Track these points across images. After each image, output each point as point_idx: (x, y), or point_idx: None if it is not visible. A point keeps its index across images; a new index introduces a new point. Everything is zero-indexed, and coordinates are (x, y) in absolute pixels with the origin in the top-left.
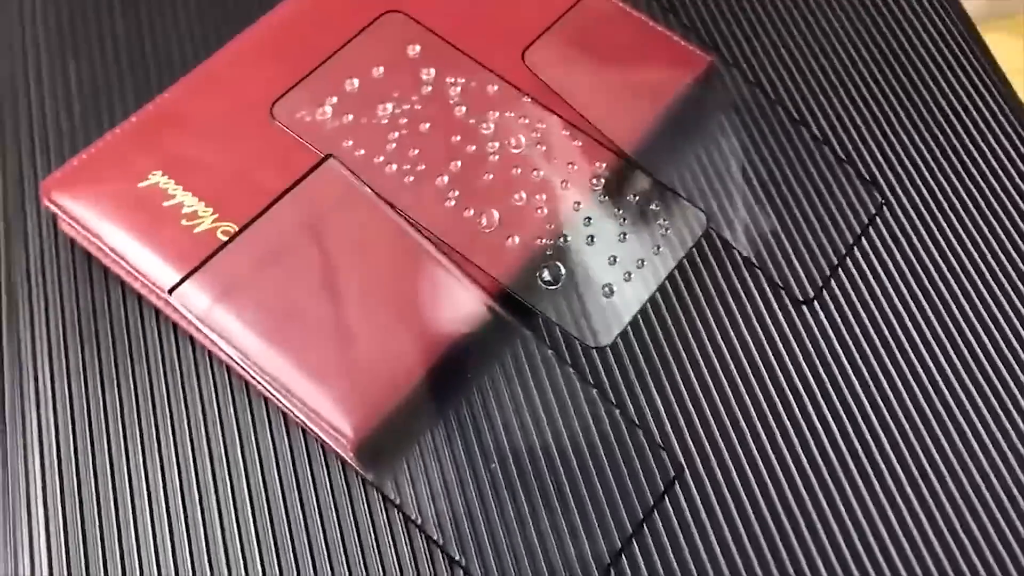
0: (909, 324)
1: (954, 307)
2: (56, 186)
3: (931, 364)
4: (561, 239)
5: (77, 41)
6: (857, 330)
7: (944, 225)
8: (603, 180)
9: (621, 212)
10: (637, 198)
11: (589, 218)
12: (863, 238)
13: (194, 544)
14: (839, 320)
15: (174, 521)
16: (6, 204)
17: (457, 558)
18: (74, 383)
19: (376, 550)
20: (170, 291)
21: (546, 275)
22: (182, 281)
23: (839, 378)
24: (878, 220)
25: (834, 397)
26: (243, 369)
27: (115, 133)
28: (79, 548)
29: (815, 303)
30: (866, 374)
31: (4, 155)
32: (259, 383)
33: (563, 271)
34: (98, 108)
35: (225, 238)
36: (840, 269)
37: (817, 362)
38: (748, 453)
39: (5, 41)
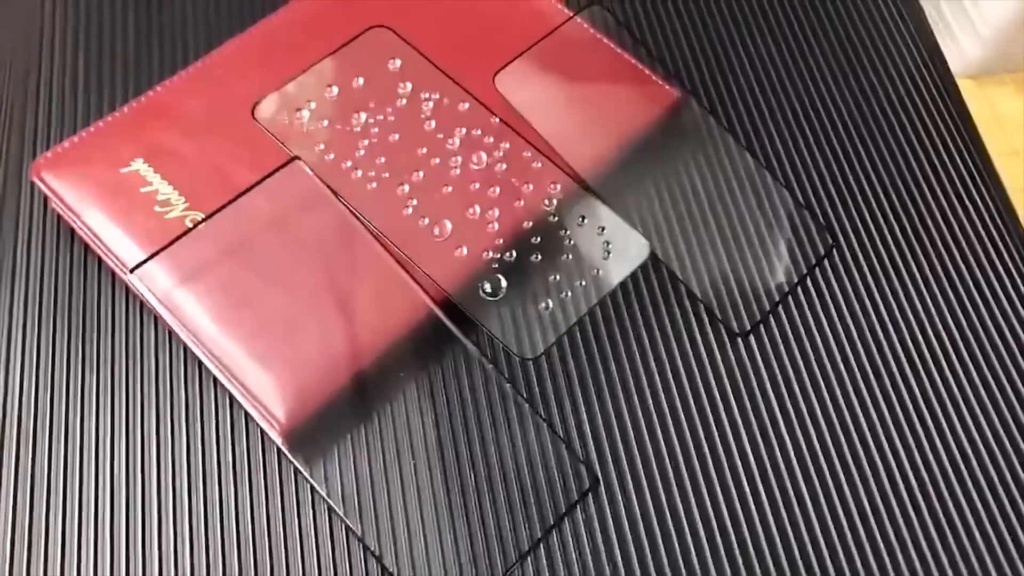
0: (842, 367)
1: (890, 356)
2: (45, 166)
3: (858, 409)
4: (508, 254)
5: (90, 31)
6: (788, 367)
7: (893, 276)
8: (555, 202)
9: (568, 233)
10: (585, 221)
11: (538, 236)
12: (808, 279)
13: (131, 509)
14: (772, 356)
15: (116, 487)
16: (6, 178)
17: (373, 549)
18: (43, 349)
19: (298, 536)
20: (132, 270)
21: (487, 287)
22: (144, 262)
23: (763, 412)
24: (826, 263)
25: (755, 429)
26: (195, 349)
27: (106, 121)
28: (26, 497)
29: (750, 337)
30: (790, 410)
31: (9, 131)
32: (209, 364)
33: (504, 284)
34: (100, 96)
35: (191, 225)
36: (780, 307)
37: (744, 394)
38: (664, 474)
39: (25, 24)
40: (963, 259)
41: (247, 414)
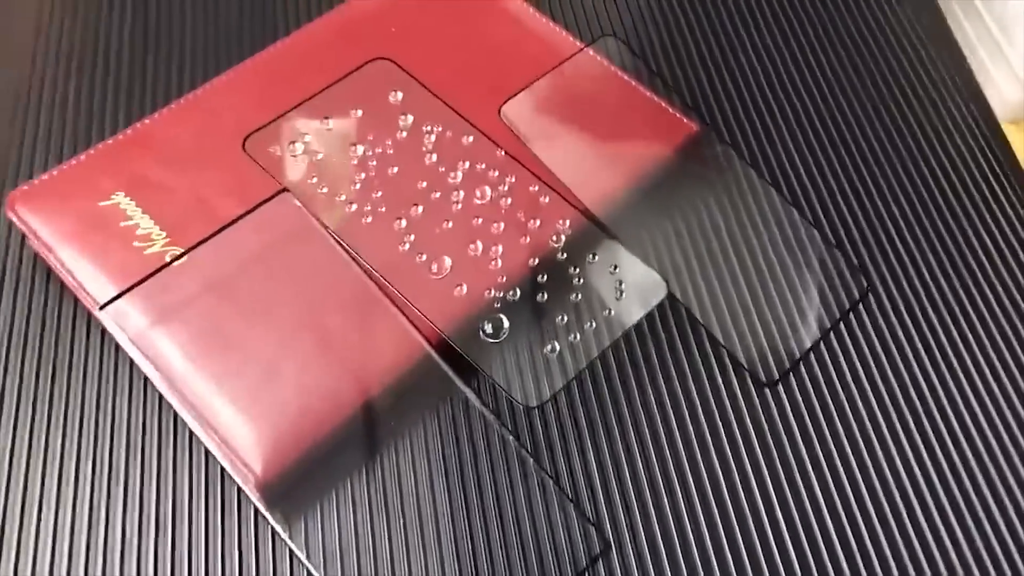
0: (880, 420)
1: (933, 407)
2: (20, 199)
3: (899, 464)
4: (511, 293)
5: (84, 59)
6: (821, 419)
7: (935, 321)
8: (564, 238)
9: (578, 272)
10: (596, 259)
11: (544, 275)
12: (841, 324)
13: (91, 562)
14: (803, 407)
15: (76, 537)
16: None
17: None
18: (8, 383)
19: None
20: (101, 307)
21: (488, 327)
22: (114, 299)
23: (793, 467)
24: (860, 308)
25: (785, 486)
26: (167, 393)
27: (89, 153)
28: None
29: (779, 387)
30: (823, 465)
31: None
32: (181, 409)
33: (506, 325)
34: (89, 127)
35: (169, 260)
36: (811, 354)
37: (773, 448)
38: (683, 536)
39: (20, 49)
40: (1008, 305)
41: (221, 467)
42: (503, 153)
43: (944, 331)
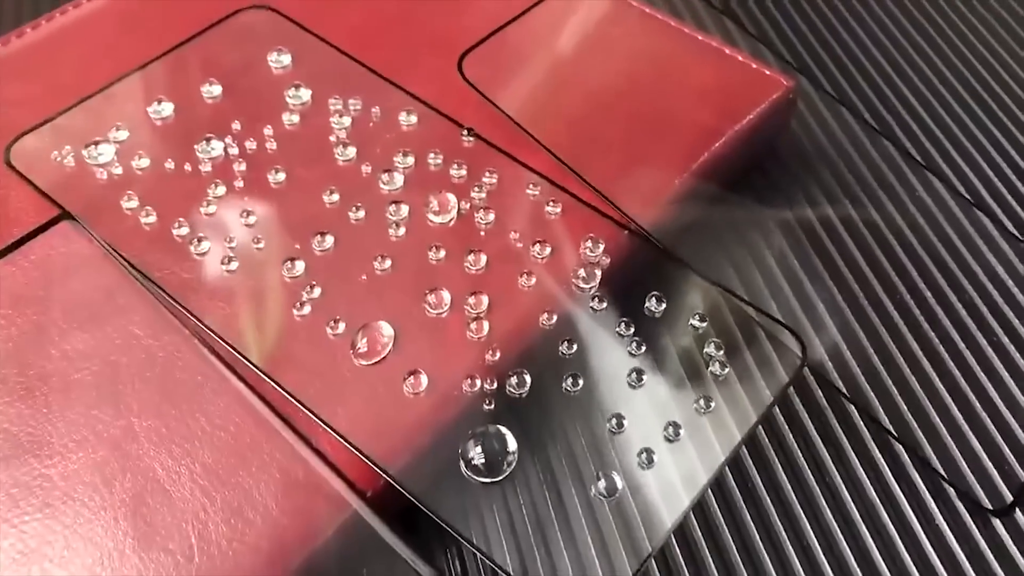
0: None
1: None
2: None
3: None
4: (514, 381)
5: None
6: None
7: None
8: (598, 273)
9: (632, 333)
10: (663, 307)
11: (571, 341)
12: None
13: None
14: None
15: None
16: None
17: None
18: None
19: None
20: None
21: (475, 455)
22: None
23: None
24: None
25: None
26: None
27: None
28: None
29: (1015, 512)
30: None
31: None
32: None
33: (512, 447)
34: None
35: None
36: None
37: None
38: None
39: None
40: None
41: None
42: (471, 137)
43: None
